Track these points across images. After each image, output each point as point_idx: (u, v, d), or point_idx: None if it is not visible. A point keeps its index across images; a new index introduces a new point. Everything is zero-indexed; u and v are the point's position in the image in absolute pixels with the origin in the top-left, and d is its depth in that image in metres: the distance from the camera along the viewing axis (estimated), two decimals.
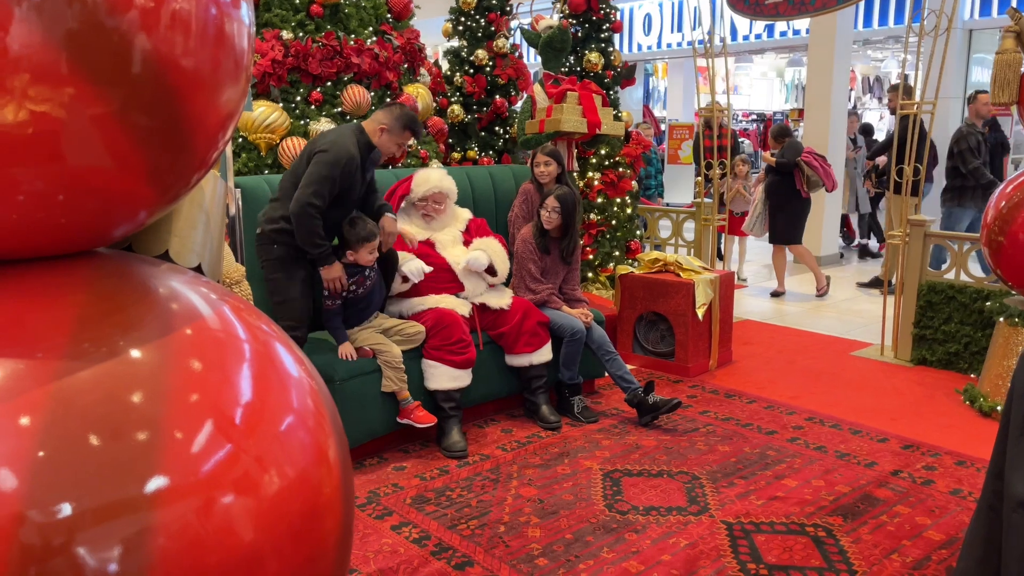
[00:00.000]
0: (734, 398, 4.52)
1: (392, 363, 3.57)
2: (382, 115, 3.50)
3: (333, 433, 1.19)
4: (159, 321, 1.06)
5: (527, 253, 4.20)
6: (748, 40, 11.95)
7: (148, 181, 1.05)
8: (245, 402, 1.09)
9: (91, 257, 1.15)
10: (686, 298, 4.81)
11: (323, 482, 1.13)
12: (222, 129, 1.11)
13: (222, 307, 1.18)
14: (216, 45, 1.03)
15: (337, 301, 3.57)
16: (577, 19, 6.00)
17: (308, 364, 1.26)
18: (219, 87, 1.06)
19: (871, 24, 10.26)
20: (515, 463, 3.65)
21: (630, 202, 5.89)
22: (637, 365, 5.07)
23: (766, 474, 3.52)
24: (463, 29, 6.14)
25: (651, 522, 3.09)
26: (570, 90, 5.08)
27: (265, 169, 4.44)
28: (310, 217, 3.32)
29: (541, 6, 6.55)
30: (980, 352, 4.75)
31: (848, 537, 2.97)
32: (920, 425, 4.12)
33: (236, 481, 1.03)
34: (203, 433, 1.02)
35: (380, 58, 4.81)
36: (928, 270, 5.05)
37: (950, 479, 3.47)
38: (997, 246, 4.11)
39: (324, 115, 4.59)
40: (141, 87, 0.97)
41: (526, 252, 4.21)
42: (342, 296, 3.56)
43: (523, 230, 4.29)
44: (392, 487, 3.42)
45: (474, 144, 6.13)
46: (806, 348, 5.57)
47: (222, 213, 1.42)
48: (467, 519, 3.13)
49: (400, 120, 3.48)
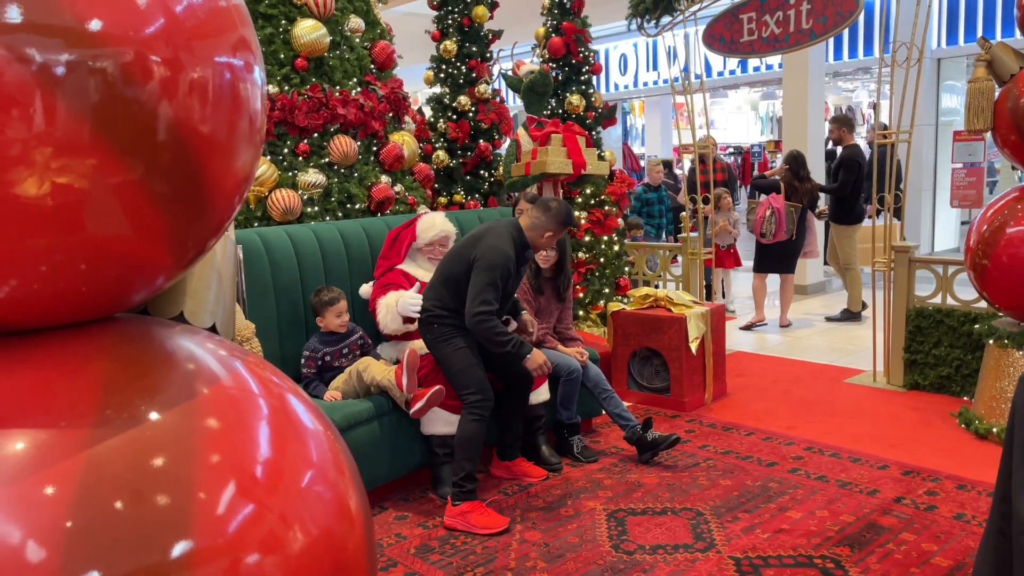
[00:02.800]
0: (732, 431, 4.53)
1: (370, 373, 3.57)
2: (544, 218, 3.55)
3: (353, 483, 1.19)
4: (182, 383, 1.06)
5: (521, 295, 4.22)
6: (723, 75, 12.19)
7: (167, 246, 1.07)
8: (265, 459, 1.09)
9: (112, 323, 1.15)
10: (679, 332, 4.83)
11: (347, 536, 1.12)
12: (238, 191, 1.13)
13: (237, 366, 1.19)
14: (232, 110, 1.05)
15: (312, 370, 3.66)
16: (557, 63, 6.12)
17: (324, 416, 1.26)
18: (235, 150, 1.07)
19: (841, 56, 10.51)
20: (517, 507, 3.62)
21: (617, 239, 5.95)
22: (633, 402, 5.06)
23: (770, 507, 3.51)
24: (444, 76, 6.24)
25: (659, 561, 3.07)
26: (554, 132, 5.16)
27: (255, 222, 4.45)
28: (488, 326, 3.40)
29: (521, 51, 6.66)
30: (971, 375, 4.79)
31: (857, 568, 2.96)
32: (918, 450, 4.14)
33: (261, 541, 1.03)
34: (227, 493, 1.02)
35: (365, 108, 4.87)
36: (915, 295, 5.11)
37: (953, 504, 3.48)
38: (982, 269, 4.18)
39: (312, 166, 4.63)
40: (162, 155, 0.99)
41: (520, 294, 4.23)
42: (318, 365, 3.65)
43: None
44: (395, 537, 3.38)
45: (460, 188, 6.19)
46: (799, 378, 5.59)
47: (233, 272, 1.43)
48: (473, 567, 3.09)
49: (559, 219, 3.56)
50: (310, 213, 4.57)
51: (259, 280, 3.78)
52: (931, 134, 9.81)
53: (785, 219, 6.93)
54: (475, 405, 3.45)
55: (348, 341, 3.82)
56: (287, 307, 3.89)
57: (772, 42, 5.52)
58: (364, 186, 4.84)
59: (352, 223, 4.37)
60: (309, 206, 4.58)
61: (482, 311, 3.40)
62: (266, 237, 3.90)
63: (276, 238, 3.94)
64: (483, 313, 3.40)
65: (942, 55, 9.68)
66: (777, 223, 6.93)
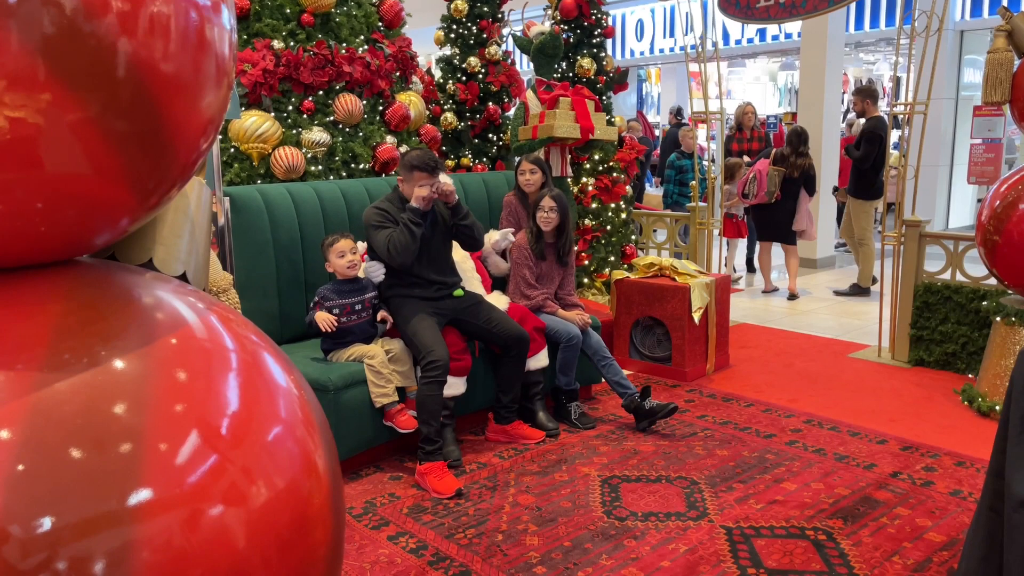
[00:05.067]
0: (732, 402, 4.50)
1: (375, 367, 3.53)
2: (400, 169, 3.67)
3: (322, 443, 1.17)
4: (141, 330, 1.04)
5: (522, 259, 4.19)
6: (740, 44, 11.98)
7: (128, 187, 1.04)
8: (231, 412, 1.07)
9: (72, 266, 1.13)
10: (682, 302, 4.79)
11: (312, 493, 1.11)
12: (204, 134, 1.09)
13: (208, 316, 1.16)
14: (197, 50, 1.01)
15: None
16: (569, 25, 6.00)
17: (297, 374, 1.24)
18: (200, 92, 1.04)
19: (862, 27, 10.29)
20: (512, 471, 3.63)
21: (624, 207, 5.88)
22: (634, 370, 5.05)
23: (765, 478, 3.49)
24: (455, 37, 6.14)
25: (650, 528, 3.07)
26: (563, 96, 5.07)
27: (257, 179, 4.42)
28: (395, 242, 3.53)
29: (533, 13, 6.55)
30: (977, 352, 4.73)
31: (848, 540, 2.95)
32: (919, 426, 4.10)
33: (223, 492, 1.01)
34: (188, 444, 1.00)
35: (372, 66, 4.80)
36: (924, 270, 5.04)
37: (950, 480, 3.45)
38: (992, 245, 4.10)
39: (316, 124, 4.58)
40: (120, 92, 0.95)
41: (521, 258, 4.20)
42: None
43: (518, 237, 4.28)
44: (389, 497, 3.40)
45: (468, 151, 6.12)
46: (803, 351, 5.55)
47: (208, 221, 1.40)
48: (464, 528, 3.10)
49: (404, 164, 3.63)
50: (314, 172, 4.53)
51: (258, 237, 3.77)
52: (951, 108, 9.63)
53: (766, 181, 7.13)
54: (426, 368, 3.47)
55: (362, 297, 3.67)
56: (286, 265, 3.87)
57: (790, 7, 5.39)
58: (369, 146, 4.79)
59: (355, 182, 4.34)
60: (313, 165, 4.53)
61: (387, 239, 3.52)
62: (266, 194, 3.87)
63: (277, 195, 3.91)
64: (389, 240, 3.52)
65: (965, 27, 9.46)
66: (758, 184, 7.13)
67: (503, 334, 3.76)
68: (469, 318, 3.76)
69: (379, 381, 3.52)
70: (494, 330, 3.76)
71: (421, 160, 3.57)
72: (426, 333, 3.54)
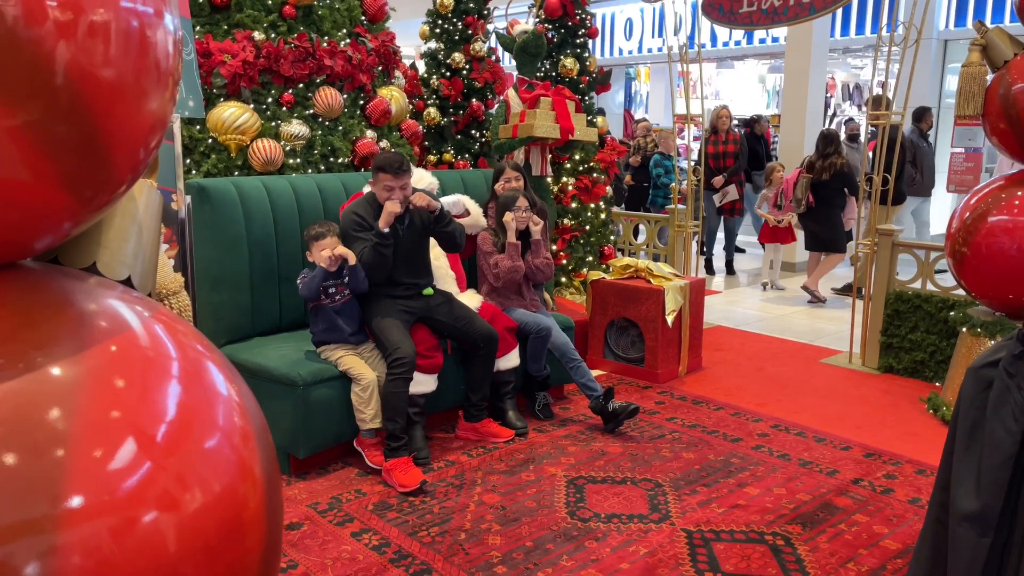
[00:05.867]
0: (702, 405, 4.55)
1: (362, 384, 3.51)
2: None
3: (259, 451, 1.18)
4: (76, 337, 1.05)
5: (487, 248, 4.25)
6: (728, 46, 12.02)
7: (68, 192, 1.04)
8: (168, 420, 1.08)
9: (10, 271, 1.13)
10: (656, 304, 4.82)
11: (248, 499, 1.12)
12: (147, 137, 1.10)
13: (151, 323, 1.17)
14: (138, 55, 1.02)
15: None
16: (553, 24, 6.01)
17: (240, 383, 1.25)
18: (142, 97, 1.04)
19: (848, 32, 10.35)
20: (480, 469, 3.65)
21: (604, 207, 5.91)
22: (607, 371, 5.08)
23: (729, 482, 3.53)
24: (440, 32, 6.14)
25: (612, 530, 3.10)
26: (543, 95, 5.09)
27: (235, 171, 4.41)
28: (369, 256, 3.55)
29: (517, 10, 6.55)
30: (945, 361, 4.80)
31: (806, 546, 2.99)
32: (883, 433, 4.16)
33: (155, 499, 1.02)
34: (120, 451, 1.01)
35: (353, 60, 4.80)
36: (896, 279, 5.09)
37: (909, 488, 3.50)
38: (961, 257, 4.16)
39: (296, 117, 4.57)
40: (57, 99, 0.96)
41: (486, 247, 4.26)
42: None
43: (479, 237, 4.32)
44: (355, 493, 3.41)
45: (450, 147, 6.13)
46: (776, 355, 5.60)
47: (158, 224, 1.41)
48: (428, 526, 3.12)
49: (372, 167, 3.66)
50: (292, 165, 4.53)
51: (232, 231, 3.76)
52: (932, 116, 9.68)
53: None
54: (392, 365, 3.49)
55: (339, 281, 3.63)
56: (260, 259, 3.87)
57: (771, 14, 5.42)
58: (348, 140, 4.79)
59: (331, 177, 4.33)
60: (291, 158, 4.53)
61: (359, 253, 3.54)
62: (241, 187, 3.86)
63: (252, 189, 3.91)
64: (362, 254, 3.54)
65: (949, 36, 9.54)
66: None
67: (472, 332, 3.79)
68: (439, 316, 3.78)
69: (361, 407, 3.53)
70: (463, 328, 3.78)
71: (386, 160, 3.58)
72: (393, 331, 3.56)
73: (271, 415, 3.53)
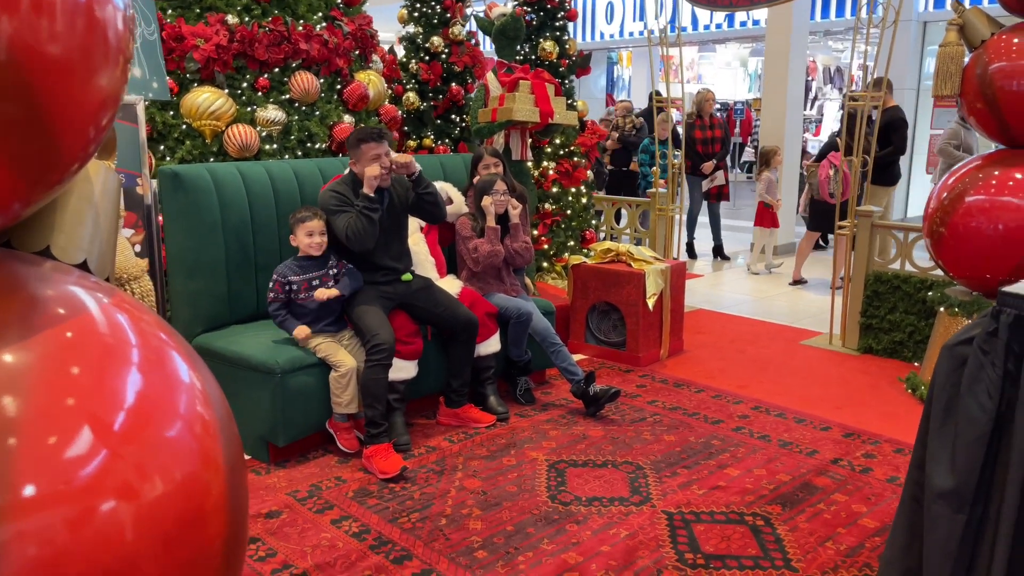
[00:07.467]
0: (683, 387, 4.55)
1: (340, 371, 3.49)
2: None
3: (222, 439, 1.16)
4: (24, 323, 1.02)
5: (466, 232, 4.22)
6: (709, 29, 11.99)
7: (15, 172, 1.01)
8: (127, 407, 1.06)
9: None
10: (637, 288, 4.82)
11: (210, 487, 1.10)
12: (97, 115, 1.07)
13: (108, 308, 1.14)
14: (86, 31, 0.99)
15: (280, 296, 3.55)
16: (531, 7, 5.96)
17: (202, 369, 1.23)
18: (91, 73, 1.01)
19: (828, 15, 10.35)
20: (461, 455, 3.64)
21: (585, 192, 5.89)
22: (589, 355, 5.08)
23: (709, 464, 3.54)
24: (418, 15, 6.07)
25: (593, 513, 3.10)
26: (523, 79, 5.04)
27: (210, 157, 4.35)
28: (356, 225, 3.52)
29: None
30: (923, 341, 4.83)
31: (785, 526, 3.01)
32: (863, 413, 4.18)
33: (112, 488, 1.00)
34: (76, 439, 0.99)
35: (330, 44, 4.74)
36: (875, 260, 5.11)
37: (888, 467, 3.53)
38: (938, 237, 4.18)
39: (271, 102, 4.51)
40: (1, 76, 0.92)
41: (465, 232, 4.23)
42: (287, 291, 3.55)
43: (459, 222, 4.29)
44: (335, 480, 3.39)
45: (430, 132, 6.08)
46: (757, 337, 5.62)
47: (116, 207, 1.37)
48: (408, 512, 3.11)
49: (350, 145, 3.64)
50: (268, 151, 4.47)
51: (207, 217, 3.71)
52: (912, 99, 9.73)
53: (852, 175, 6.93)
54: (371, 351, 3.48)
55: (320, 272, 3.60)
56: (235, 246, 3.82)
57: None
58: (325, 125, 4.74)
59: (308, 162, 4.28)
60: (267, 143, 4.47)
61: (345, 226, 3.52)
62: (216, 173, 3.81)
63: (227, 175, 3.85)
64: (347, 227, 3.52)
65: (928, 18, 9.56)
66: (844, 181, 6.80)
67: (452, 318, 3.77)
68: (418, 302, 3.75)
69: (339, 392, 3.51)
70: (443, 314, 3.76)
71: (365, 132, 3.59)
72: (371, 317, 3.53)
73: (249, 403, 3.53)
